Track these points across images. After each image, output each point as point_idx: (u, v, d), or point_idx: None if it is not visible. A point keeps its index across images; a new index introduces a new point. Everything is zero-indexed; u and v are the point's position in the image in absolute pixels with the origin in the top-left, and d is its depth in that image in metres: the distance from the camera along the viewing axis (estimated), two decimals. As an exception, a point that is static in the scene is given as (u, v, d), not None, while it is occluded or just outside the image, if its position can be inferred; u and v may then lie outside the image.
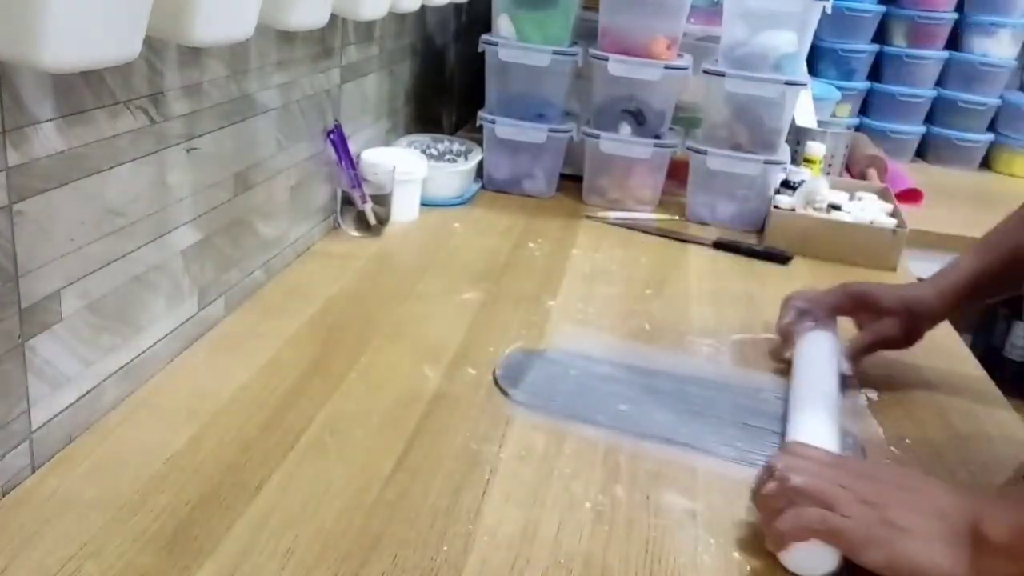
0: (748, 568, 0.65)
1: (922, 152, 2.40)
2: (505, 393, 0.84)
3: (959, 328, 1.14)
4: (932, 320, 0.95)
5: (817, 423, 0.78)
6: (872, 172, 1.77)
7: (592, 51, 1.41)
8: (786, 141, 1.46)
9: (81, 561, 0.58)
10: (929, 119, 2.36)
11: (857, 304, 0.97)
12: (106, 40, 0.56)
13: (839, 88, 2.15)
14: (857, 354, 0.96)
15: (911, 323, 0.94)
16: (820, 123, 1.80)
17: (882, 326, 0.96)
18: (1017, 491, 0.59)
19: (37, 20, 0.50)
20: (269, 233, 1.02)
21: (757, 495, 0.67)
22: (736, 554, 0.66)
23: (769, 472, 0.66)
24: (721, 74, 1.37)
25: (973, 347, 1.12)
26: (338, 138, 1.15)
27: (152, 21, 0.60)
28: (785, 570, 0.65)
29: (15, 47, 0.51)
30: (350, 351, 0.89)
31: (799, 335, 0.94)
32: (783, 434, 0.81)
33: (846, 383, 0.92)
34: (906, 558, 0.58)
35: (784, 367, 0.94)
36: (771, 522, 0.64)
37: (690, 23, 1.47)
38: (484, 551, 0.63)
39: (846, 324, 1.00)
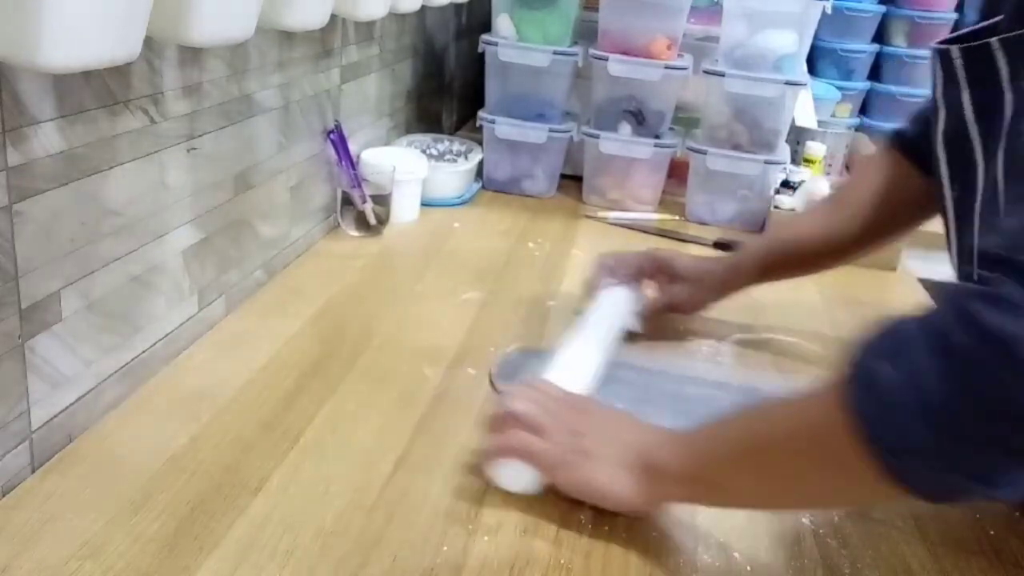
0: (748, 568, 0.65)
1: (922, 152, 2.39)
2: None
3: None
4: (721, 291, 1.02)
5: (574, 359, 0.84)
6: (872, 172, 1.77)
7: (592, 51, 1.41)
8: (786, 141, 1.46)
9: (81, 561, 0.58)
10: (929, 119, 2.36)
11: (658, 268, 1.03)
12: (106, 40, 0.56)
13: (839, 88, 2.15)
14: (648, 313, 1.02)
15: (701, 291, 1.02)
16: (820, 123, 1.80)
17: (674, 291, 1.03)
18: (688, 428, 0.67)
19: (37, 20, 0.50)
20: (269, 233, 1.02)
21: (489, 418, 0.73)
22: (736, 554, 0.66)
23: (504, 399, 0.73)
24: (721, 74, 1.37)
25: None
26: (338, 138, 1.15)
27: (152, 21, 0.60)
28: (787, 572, 0.65)
29: (15, 47, 0.51)
30: (350, 351, 0.89)
31: (599, 289, 1.00)
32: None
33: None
34: (588, 480, 0.67)
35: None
36: (489, 440, 0.71)
37: (690, 23, 1.47)
38: (484, 551, 0.63)
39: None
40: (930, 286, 1.26)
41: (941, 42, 0.72)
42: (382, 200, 1.20)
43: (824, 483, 0.59)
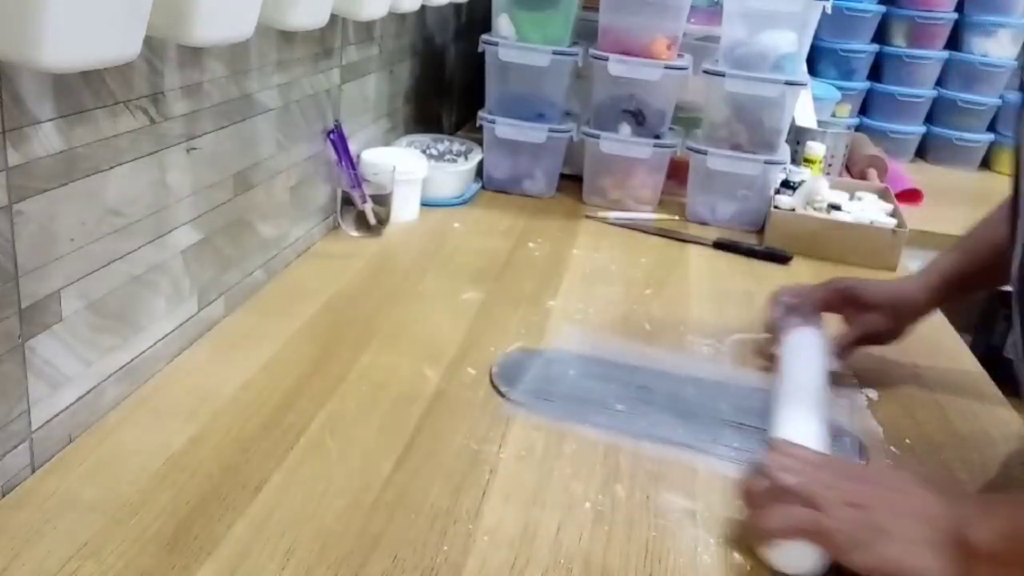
0: (748, 568, 0.65)
1: (922, 152, 2.40)
2: (500, 392, 0.84)
3: (959, 328, 1.14)
4: (917, 315, 0.96)
5: (802, 420, 0.78)
6: (872, 172, 1.77)
7: (592, 51, 1.41)
8: (786, 141, 1.46)
9: (81, 561, 0.58)
10: (929, 119, 2.36)
11: (844, 299, 0.97)
12: (106, 40, 0.56)
13: (839, 88, 2.15)
14: (844, 349, 0.96)
15: (897, 318, 0.95)
16: (820, 123, 1.80)
17: (868, 321, 0.96)
18: (1003, 498, 0.60)
19: (37, 20, 0.50)
20: (269, 233, 1.02)
21: (746, 491, 0.67)
22: (736, 554, 0.66)
23: (758, 469, 0.66)
24: (721, 74, 1.37)
25: (973, 347, 1.12)
26: (338, 138, 1.15)
27: (152, 21, 0.60)
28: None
29: (15, 47, 0.51)
30: (350, 351, 0.90)
31: (786, 330, 0.94)
32: (768, 431, 0.81)
33: (834, 379, 0.92)
34: (893, 561, 0.58)
35: (772, 364, 0.94)
36: (759, 519, 0.64)
37: (690, 23, 1.47)
38: (484, 551, 0.63)
39: (834, 320, 1.00)
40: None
41: None
42: (382, 200, 1.20)
43: None
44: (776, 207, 1.36)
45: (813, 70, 2.25)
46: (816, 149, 1.57)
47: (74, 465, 0.68)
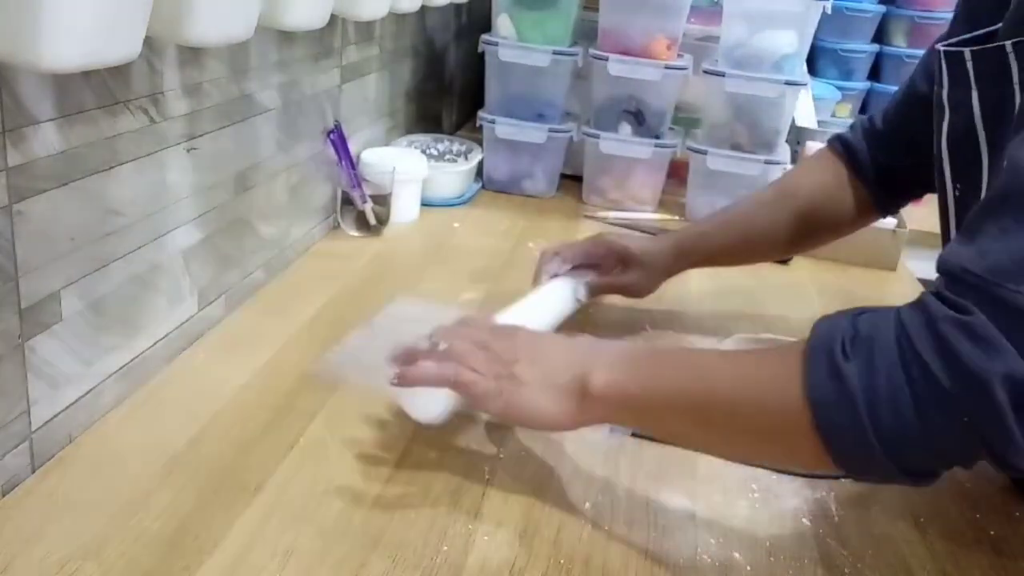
0: (748, 568, 0.65)
1: (922, 152, 2.40)
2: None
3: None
4: (664, 275, 1.02)
5: (514, 315, 0.83)
6: (872, 172, 1.77)
7: (592, 51, 1.41)
8: (786, 141, 1.46)
9: (81, 561, 0.58)
10: (929, 119, 2.36)
11: (607, 252, 1.00)
12: (106, 40, 0.56)
13: (839, 88, 2.15)
14: (594, 289, 0.99)
15: (651, 276, 1.01)
16: (820, 123, 1.80)
17: (625, 276, 1.01)
18: (630, 352, 0.67)
19: (37, 20, 0.50)
20: (269, 233, 1.02)
21: (404, 352, 0.71)
22: (736, 554, 0.66)
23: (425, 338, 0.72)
24: (721, 74, 1.37)
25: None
26: (338, 138, 1.15)
27: (152, 21, 0.60)
28: (787, 572, 0.65)
29: (15, 47, 0.51)
30: (350, 351, 0.89)
31: (544, 275, 0.97)
32: None
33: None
34: (518, 406, 0.66)
35: None
36: (405, 373, 0.68)
37: (690, 23, 1.47)
38: (484, 551, 0.63)
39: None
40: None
41: (947, 44, 0.73)
42: (382, 200, 1.20)
43: (762, 447, 0.63)
44: (776, 207, 1.35)
45: (813, 70, 2.25)
46: (816, 149, 1.57)
47: (74, 465, 0.68)
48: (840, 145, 1.00)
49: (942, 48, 0.74)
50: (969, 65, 0.71)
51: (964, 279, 0.52)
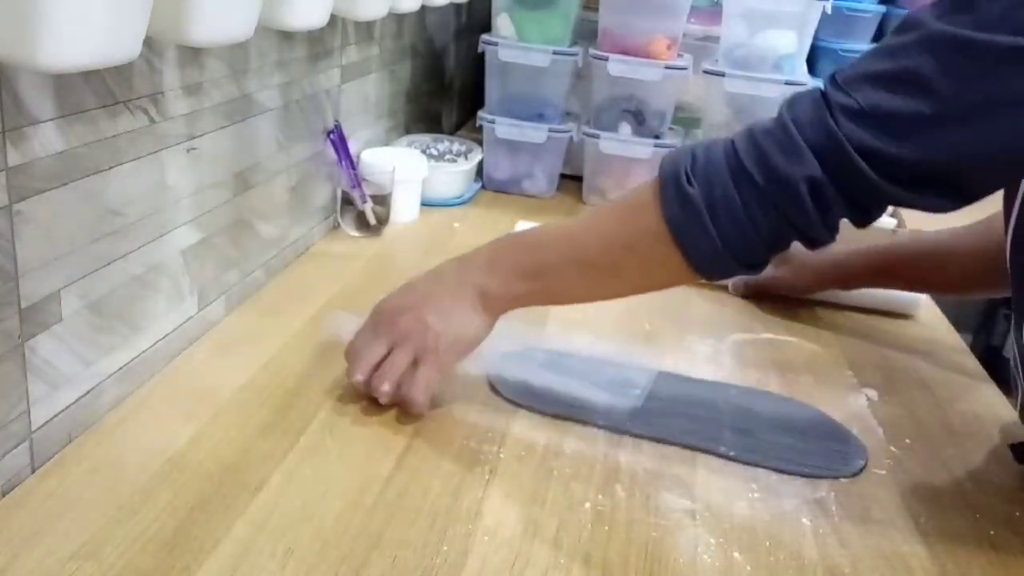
0: (748, 568, 0.65)
1: (922, 152, 2.39)
2: (499, 393, 0.84)
3: (959, 328, 1.14)
4: (821, 281, 1.04)
5: None
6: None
7: (592, 51, 1.41)
8: (786, 141, 1.46)
9: (81, 561, 0.58)
10: (929, 119, 2.36)
11: None
12: (106, 40, 0.56)
13: (839, 88, 2.14)
14: (748, 285, 1.06)
15: (801, 276, 1.04)
16: (820, 123, 1.80)
17: (777, 270, 1.04)
18: (490, 252, 0.80)
19: (37, 20, 0.50)
20: (269, 233, 1.02)
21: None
22: (736, 554, 0.66)
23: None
24: (721, 74, 1.37)
25: (973, 347, 1.12)
26: (338, 138, 1.15)
27: (152, 21, 0.60)
28: (787, 572, 0.65)
29: (15, 47, 0.51)
30: (350, 351, 0.89)
31: None
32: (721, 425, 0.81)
33: (832, 380, 0.93)
34: (452, 353, 0.78)
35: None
36: (374, 383, 0.78)
37: (690, 23, 1.47)
38: (484, 551, 0.63)
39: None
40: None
41: None
42: (382, 200, 1.20)
43: (641, 277, 0.74)
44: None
45: (813, 70, 2.24)
46: None
47: (74, 465, 0.68)
48: None
49: None
50: None
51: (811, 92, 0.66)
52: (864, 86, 0.62)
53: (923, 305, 1.12)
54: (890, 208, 1.22)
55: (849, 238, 0.75)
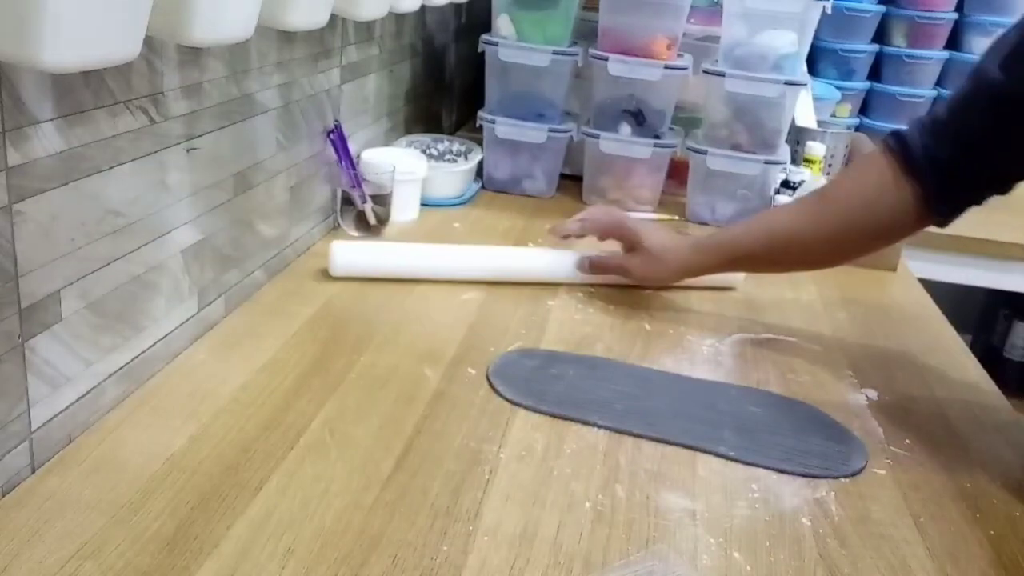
0: (748, 568, 0.65)
1: (922, 152, 2.39)
2: (498, 392, 0.84)
3: (959, 328, 1.14)
4: (676, 272, 1.07)
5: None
6: (872, 172, 1.77)
7: (592, 51, 1.41)
8: (786, 141, 1.46)
9: (81, 561, 0.58)
10: (929, 119, 2.36)
11: (621, 235, 1.08)
12: (106, 40, 0.56)
13: (839, 88, 2.15)
14: (592, 265, 1.10)
15: (655, 267, 1.06)
16: (820, 123, 1.80)
17: (629, 258, 1.08)
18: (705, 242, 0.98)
19: (37, 20, 0.50)
20: (269, 233, 1.02)
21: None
22: (736, 554, 0.66)
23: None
24: (721, 74, 1.37)
25: (973, 347, 1.12)
26: (338, 138, 1.15)
27: (152, 21, 0.60)
28: (787, 572, 0.65)
29: (15, 47, 0.51)
30: (350, 351, 0.90)
31: (559, 232, 1.13)
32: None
33: (832, 380, 0.94)
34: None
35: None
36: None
37: (690, 23, 1.47)
38: (484, 551, 0.63)
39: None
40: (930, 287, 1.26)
41: None
42: (382, 200, 1.20)
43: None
44: (776, 207, 1.36)
45: (813, 70, 2.25)
46: (816, 149, 1.57)
47: (74, 465, 0.68)
48: (893, 140, 0.90)
49: None
50: None
51: None
52: None
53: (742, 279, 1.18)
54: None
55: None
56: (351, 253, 1.05)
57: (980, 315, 2.60)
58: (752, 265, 1.05)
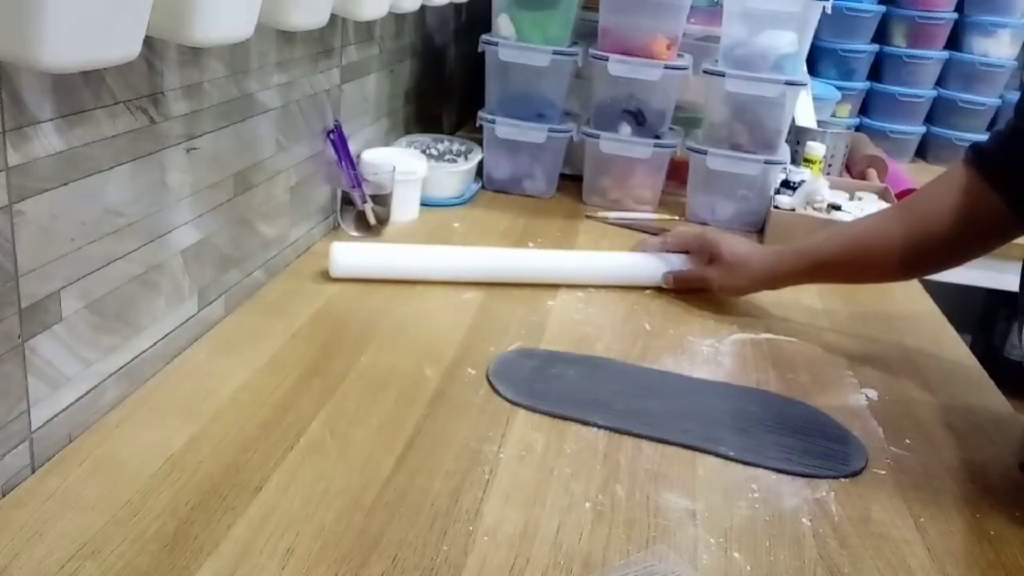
0: (748, 568, 0.65)
1: (922, 152, 2.40)
2: (498, 392, 0.84)
3: (959, 328, 1.14)
4: (755, 283, 1.07)
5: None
6: (872, 172, 1.77)
7: (592, 51, 1.41)
8: (786, 141, 1.46)
9: (81, 561, 0.58)
10: (929, 119, 2.36)
11: (700, 247, 1.10)
12: (106, 40, 0.56)
13: (839, 88, 2.15)
14: (675, 278, 1.11)
15: (734, 278, 1.07)
16: (820, 123, 1.80)
17: (708, 270, 1.09)
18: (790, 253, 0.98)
19: (37, 20, 0.50)
20: (269, 233, 1.02)
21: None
22: (736, 554, 0.66)
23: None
24: (721, 74, 1.37)
25: (973, 347, 1.12)
26: (338, 138, 1.15)
27: (152, 21, 0.60)
28: (787, 572, 0.65)
29: (15, 47, 0.51)
30: (350, 351, 0.90)
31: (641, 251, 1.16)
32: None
33: (832, 380, 0.94)
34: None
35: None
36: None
37: (690, 23, 1.47)
38: (484, 551, 0.63)
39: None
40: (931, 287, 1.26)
41: None
42: (382, 200, 1.20)
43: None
44: (776, 207, 1.36)
45: (813, 70, 2.25)
46: (816, 149, 1.57)
47: (74, 465, 0.68)
48: (972, 152, 0.91)
49: None
50: None
51: None
52: None
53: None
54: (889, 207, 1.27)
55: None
56: (352, 255, 1.05)
57: (980, 315, 2.60)
58: (833, 275, 1.05)
